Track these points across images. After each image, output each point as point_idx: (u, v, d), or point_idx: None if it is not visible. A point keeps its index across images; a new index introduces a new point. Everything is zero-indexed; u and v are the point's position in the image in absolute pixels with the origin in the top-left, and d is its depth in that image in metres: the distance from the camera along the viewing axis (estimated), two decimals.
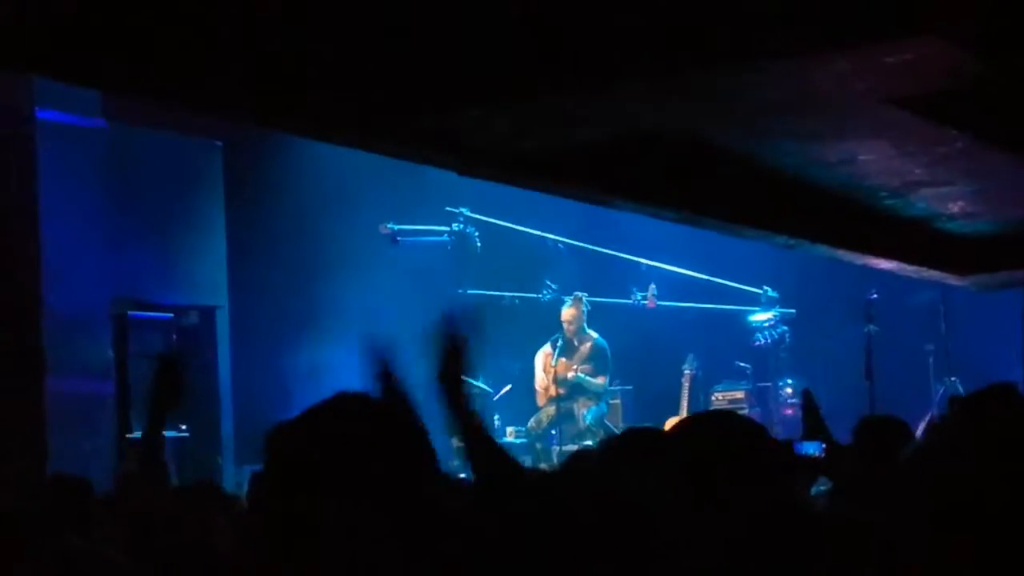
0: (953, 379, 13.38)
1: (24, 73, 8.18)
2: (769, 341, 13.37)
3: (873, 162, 7.23)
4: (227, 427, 11.69)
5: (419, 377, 3.17)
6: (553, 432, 12.77)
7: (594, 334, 13.17)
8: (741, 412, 13.30)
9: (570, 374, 12.94)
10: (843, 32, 4.76)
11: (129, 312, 10.66)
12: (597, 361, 13.06)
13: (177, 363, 4.02)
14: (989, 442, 1.96)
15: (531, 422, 13.07)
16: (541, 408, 13.11)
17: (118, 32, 4.11)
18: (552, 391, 12.91)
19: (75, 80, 5.31)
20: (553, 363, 12.95)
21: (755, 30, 4.80)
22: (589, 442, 12.17)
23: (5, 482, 8.18)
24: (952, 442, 2.01)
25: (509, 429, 13.29)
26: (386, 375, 2.95)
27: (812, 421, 5.81)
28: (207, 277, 11.57)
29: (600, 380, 13.03)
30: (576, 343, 13.13)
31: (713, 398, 13.56)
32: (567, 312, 13.10)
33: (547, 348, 13.24)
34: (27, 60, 4.54)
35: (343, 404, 2.28)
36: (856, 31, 4.73)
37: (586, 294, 13.17)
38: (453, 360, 3.08)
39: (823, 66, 5.16)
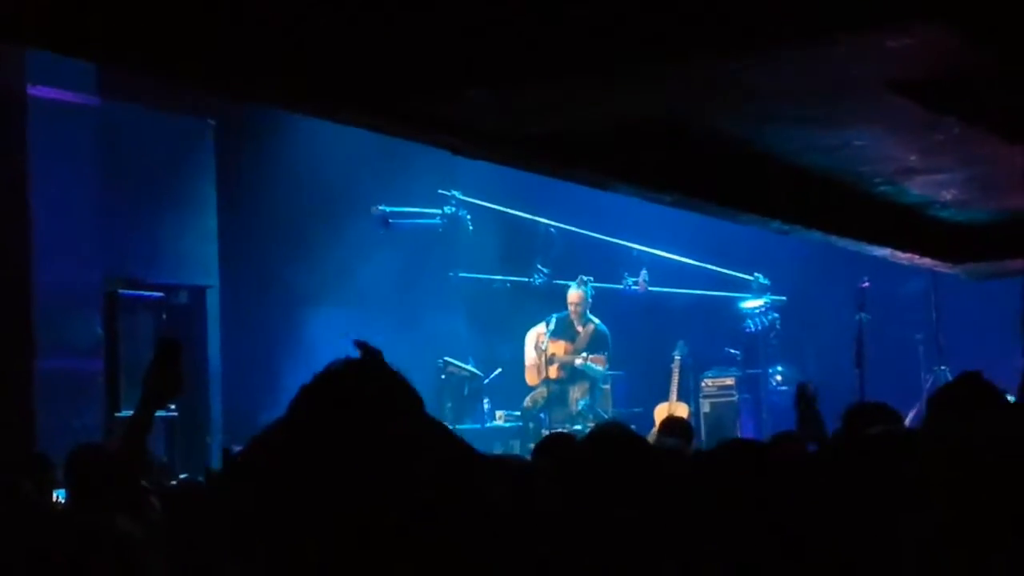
0: (943, 368, 13.41)
1: (20, 45, 8.13)
2: (760, 328, 13.37)
3: (868, 148, 7.23)
4: (216, 407, 11.67)
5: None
6: (542, 415, 12.77)
7: (595, 320, 13.16)
8: (731, 399, 13.34)
9: (578, 361, 12.92)
10: (843, 17, 4.75)
11: (119, 291, 10.63)
12: (600, 349, 13.05)
13: (178, 348, 3.97)
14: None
15: (527, 400, 13.06)
16: (535, 388, 13.09)
17: (120, 4, 4.09)
18: (548, 372, 12.90)
19: (69, 52, 5.27)
20: (543, 345, 12.93)
21: (753, 16, 4.78)
22: (579, 426, 12.18)
23: None
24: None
25: (499, 413, 13.30)
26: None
27: (805, 411, 5.83)
28: (198, 256, 11.54)
29: (602, 368, 13.03)
30: (578, 327, 13.11)
31: (703, 384, 13.56)
32: (573, 294, 13.08)
33: (540, 327, 13.22)
34: (24, 31, 4.52)
35: (351, 369, 2.28)
36: (856, 16, 4.72)
37: (591, 278, 13.15)
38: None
39: (822, 51, 5.14)
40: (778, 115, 6.52)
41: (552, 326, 13.06)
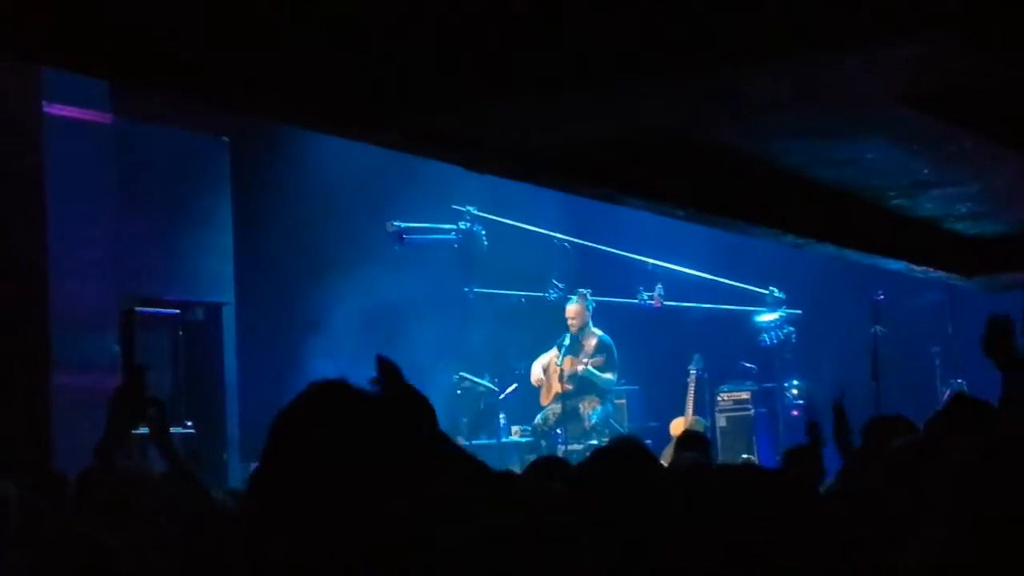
0: (959, 380, 13.38)
1: (32, 62, 8.18)
2: (775, 342, 13.36)
3: (881, 161, 7.23)
4: (233, 423, 11.68)
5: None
6: (558, 431, 12.76)
7: (599, 331, 13.16)
8: (747, 413, 13.32)
9: (579, 367, 12.92)
10: (853, 28, 4.75)
11: (136, 308, 10.65)
12: (604, 357, 13.05)
13: (140, 376, 4.11)
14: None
15: (538, 419, 13.06)
16: (547, 406, 13.10)
17: (130, 21, 4.11)
18: (558, 388, 12.90)
19: (81, 69, 5.30)
20: (559, 363, 12.94)
21: (764, 28, 4.79)
22: (594, 441, 12.18)
23: (11, 476, 8.17)
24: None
25: (514, 428, 13.30)
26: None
27: (841, 427, 5.93)
28: (214, 273, 11.56)
29: (608, 375, 13.02)
30: (581, 340, 13.12)
31: (719, 398, 13.56)
32: (571, 308, 13.09)
33: (552, 352, 13.25)
34: (36, 48, 4.55)
35: (325, 394, 2.29)
36: (866, 27, 4.72)
37: (590, 291, 13.16)
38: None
39: (832, 63, 5.15)
40: (790, 128, 6.52)
41: (567, 342, 13.07)
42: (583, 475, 3.43)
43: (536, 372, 13.31)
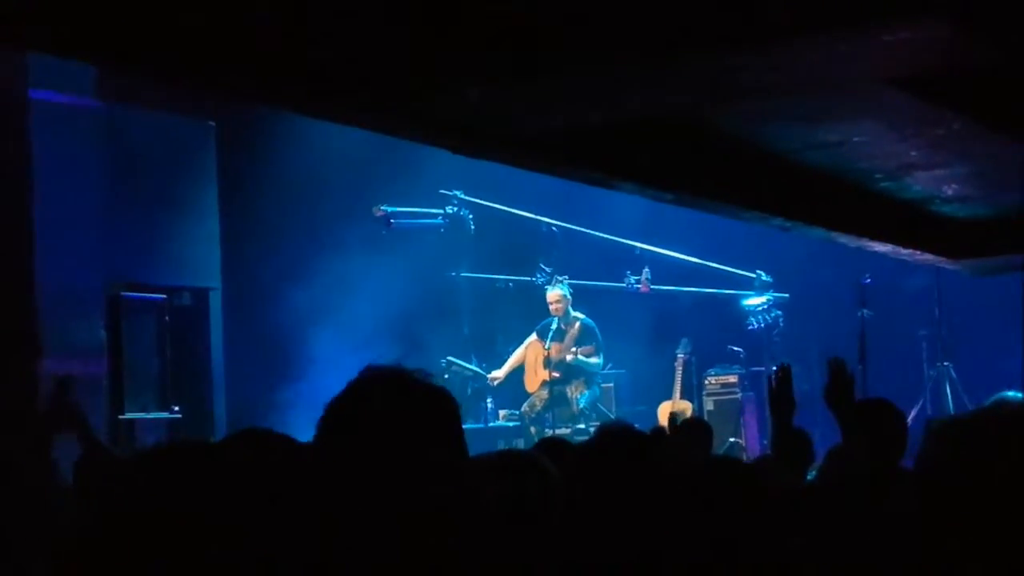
0: (946, 364, 13.43)
1: (18, 48, 8.14)
2: (762, 325, 13.39)
3: (868, 144, 7.23)
4: (219, 408, 11.66)
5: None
6: (547, 416, 12.78)
7: (580, 315, 13.18)
8: (734, 396, 13.36)
9: (568, 356, 12.93)
10: (840, 11, 4.75)
11: (122, 293, 10.63)
12: (589, 341, 13.07)
13: (67, 389, 4.36)
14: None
15: (524, 406, 13.08)
16: (534, 393, 13.10)
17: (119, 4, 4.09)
18: (545, 375, 12.92)
19: (69, 53, 5.27)
20: (547, 347, 12.95)
21: (751, 11, 4.78)
22: (582, 425, 12.20)
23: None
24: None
25: (502, 412, 13.32)
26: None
27: (777, 396, 5.91)
28: (200, 258, 11.53)
29: (595, 360, 13.04)
30: (564, 326, 13.13)
31: (706, 382, 13.60)
32: (551, 294, 13.10)
33: (532, 338, 13.27)
34: (21, 34, 4.52)
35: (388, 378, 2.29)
36: (854, 10, 4.72)
37: (567, 277, 13.17)
38: None
39: (820, 46, 5.14)
40: (777, 112, 6.52)
41: (555, 325, 13.08)
42: (587, 457, 3.42)
43: (513, 357, 13.35)
